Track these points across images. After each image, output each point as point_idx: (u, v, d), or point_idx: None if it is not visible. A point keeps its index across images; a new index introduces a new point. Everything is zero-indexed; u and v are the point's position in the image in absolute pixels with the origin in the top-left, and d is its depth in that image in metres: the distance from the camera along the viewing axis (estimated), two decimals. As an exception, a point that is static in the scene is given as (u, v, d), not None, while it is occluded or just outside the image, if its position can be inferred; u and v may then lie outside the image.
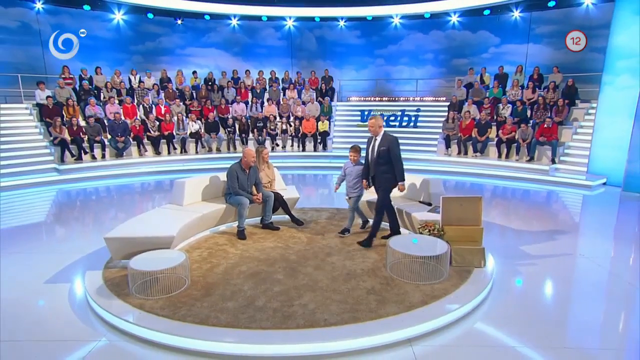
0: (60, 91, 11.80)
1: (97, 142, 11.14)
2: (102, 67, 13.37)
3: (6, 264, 5.20)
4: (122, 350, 3.45)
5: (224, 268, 4.59)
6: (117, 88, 12.86)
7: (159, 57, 15.72)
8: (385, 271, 4.49)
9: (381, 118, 5.38)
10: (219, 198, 6.08)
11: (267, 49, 16.70)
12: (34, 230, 6.84)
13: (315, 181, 10.54)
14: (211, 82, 14.28)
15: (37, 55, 13.45)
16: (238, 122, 12.75)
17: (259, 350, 3.26)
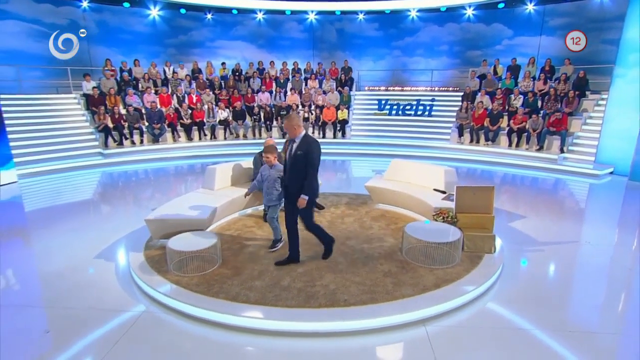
0: (105, 82, 11.96)
1: (136, 128, 11.30)
2: (139, 59, 13.47)
3: (60, 239, 5.39)
4: (160, 320, 3.55)
5: (252, 249, 4.64)
6: (153, 79, 12.94)
7: (190, 50, 15.71)
8: (401, 255, 4.47)
9: (297, 117, 4.07)
10: (247, 183, 6.09)
11: (291, 41, 16.48)
12: (84, 209, 7.05)
13: (335, 167, 10.49)
14: (238, 72, 14.23)
15: (83, 49, 13.63)
16: (263, 111, 12.71)
17: (285, 326, 3.31)
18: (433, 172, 6.04)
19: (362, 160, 11.13)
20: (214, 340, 3.29)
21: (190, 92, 12.73)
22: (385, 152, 11.36)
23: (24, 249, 5.42)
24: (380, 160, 10.87)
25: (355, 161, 10.99)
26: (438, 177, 5.90)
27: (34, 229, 6.12)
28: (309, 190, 3.97)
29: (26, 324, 3.58)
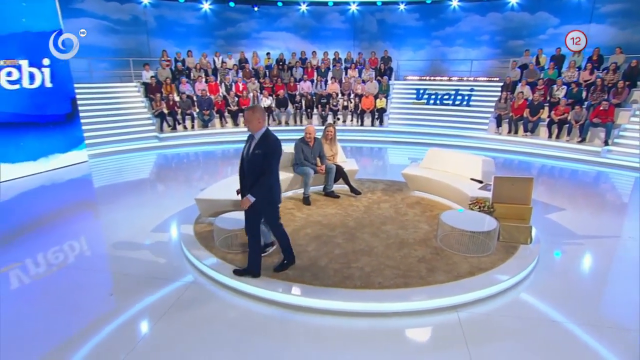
0: (162, 71, 12.37)
1: (188, 114, 11.64)
2: (192, 50, 13.78)
3: (122, 214, 5.71)
4: (207, 291, 3.69)
5: (291, 229, 4.67)
6: (204, 68, 13.22)
7: (238, 41, 15.86)
8: (435, 242, 4.34)
9: (261, 110, 3.43)
10: (288, 167, 6.13)
11: (332, 32, 16.22)
12: (142, 187, 7.41)
13: (372, 154, 10.33)
14: (282, 62, 14.22)
15: (143, 42, 14.20)
16: (304, 99, 12.67)
17: (321, 304, 3.32)
18: (470, 162, 5.79)
19: (399, 148, 10.88)
20: (255, 312, 3.37)
21: (237, 81, 12.90)
22: (421, 141, 11.02)
23: (93, 221, 5.79)
24: (416, 149, 10.57)
25: (391, 149, 10.76)
26: (475, 166, 5.65)
27: (101, 203, 6.52)
28: (259, 192, 3.35)
29: (94, 286, 3.83)
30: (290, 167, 6.07)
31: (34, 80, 7.95)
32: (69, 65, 8.64)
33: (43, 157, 8.16)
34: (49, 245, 4.69)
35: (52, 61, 8.15)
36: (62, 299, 3.61)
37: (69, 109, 8.72)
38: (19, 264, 4.23)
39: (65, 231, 5.13)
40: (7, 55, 7.44)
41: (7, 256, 4.42)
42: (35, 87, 7.98)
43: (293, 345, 2.97)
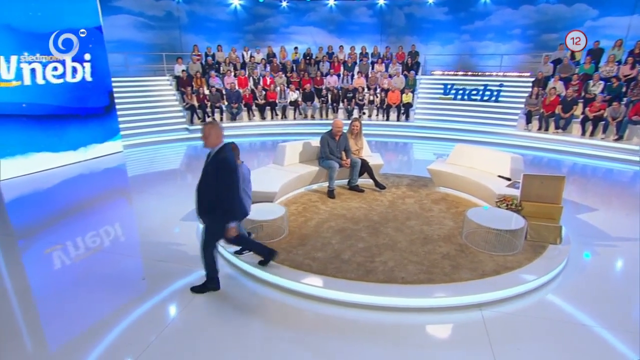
0: (193, 65, 12.61)
1: (217, 107, 11.82)
2: (222, 45, 13.96)
3: (154, 202, 5.89)
4: (232, 279, 3.75)
5: (316, 222, 4.69)
6: (233, 62, 13.37)
7: (266, 35, 15.94)
8: (460, 239, 4.24)
9: (219, 126, 3.34)
10: (313, 161, 6.14)
11: (359, 26, 16.02)
12: (173, 177, 7.61)
13: (397, 149, 10.18)
14: (309, 56, 14.18)
15: (175, 37, 14.55)
16: (331, 93, 12.61)
17: (344, 296, 3.32)
18: (498, 159, 5.60)
19: (424, 143, 10.66)
20: (277, 302, 3.40)
21: (264, 75, 12.99)
22: (448, 137, 10.76)
23: (127, 208, 6.01)
24: (442, 144, 10.33)
25: (417, 144, 10.56)
26: (503, 163, 5.46)
27: (134, 191, 6.74)
28: (230, 214, 3.19)
29: (127, 270, 3.98)
30: (316, 160, 6.08)
31: (76, 74, 8.28)
32: (107, 59, 8.94)
33: (82, 147, 8.52)
34: (87, 229, 4.90)
35: (93, 56, 8.47)
36: (98, 281, 3.78)
37: (106, 101, 9.05)
38: (61, 246, 4.46)
39: (101, 217, 5.35)
40: (52, 51, 7.77)
41: (50, 238, 4.67)
42: (77, 81, 8.32)
43: (313, 335, 2.99)
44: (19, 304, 3.45)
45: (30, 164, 7.56)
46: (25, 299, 3.54)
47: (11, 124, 7.28)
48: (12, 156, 7.29)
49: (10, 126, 7.26)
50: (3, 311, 3.31)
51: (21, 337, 3.02)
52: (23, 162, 7.41)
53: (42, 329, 3.15)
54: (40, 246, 4.50)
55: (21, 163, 7.38)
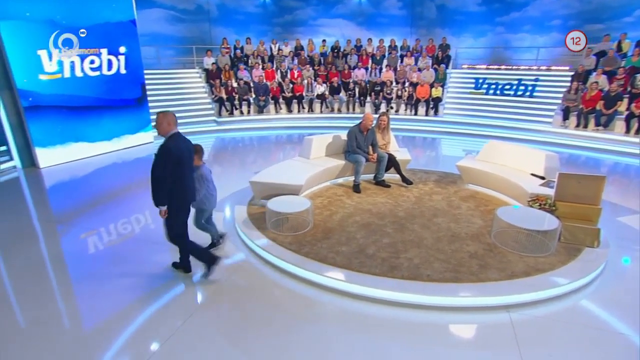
0: (222, 58, 12.80)
1: (244, 100, 11.98)
2: (250, 37, 14.09)
3: (182, 193, 6.04)
4: (257, 269, 3.83)
5: (341, 216, 4.68)
6: (261, 55, 13.47)
7: (294, 28, 15.94)
8: (489, 238, 4.12)
9: (172, 116, 3.41)
10: (339, 154, 6.11)
11: (389, 19, 15.73)
12: (200, 168, 7.78)
13: (425, 144, 9.98)
14: (337, 49, 14.08)
15: (205, 30, 14.80)
16: (358, 86, 12.50)
17: (367, 292, 3.31)
18: (532, 156, 5.39)
19: (453, 139, 10.40)
20: (299, 294, 3.44)
21: (292, 68, 13.02)
22: (478, 133, 10.45)
23: (156, 197, 6.19)
24: (472, 141, 10.05)
25: (446, 140, 10.31)
26: (538, 161, 5.24)
27: (164, 181, 6.94)
28: (157, 198, 3.29)
29: (156, 256, 4.12)
30: (342, 154, 6.05)
31: (112, 67, 8.60)
32: (140, 52, 9.22)
33: (116, 137, 8.86)
34: (119, 216, 5.11)
35: (127, 49, 8.76)
36: (129, 265, 3.94)
37: (139, 93, 9.35)
38: (95, 232, 4.67)
39: (132, 205, 5.55)
40: (91, 45, 8.10)
41: (85, 224, 4.90)
42: (112, 74, 8.64)
43: (334, 328, 2.99)
44: (57, 285, 3.65)
45: (68, 153, 7.94)
46: (63, 281, 3.73)
47: (52, 114, 7.66)
48: (53, 145, 7.68)
49: (52, 117, 7.64)
50: (44, 291, 3.51)
51: (60, 315, 3.20)
52: (62, 151, 7.79)
53: (78, 309, 3.32)
54: (76, 231, 4.73)
55: (60, 152, 7.76)
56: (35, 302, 3.36)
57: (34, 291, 3.50)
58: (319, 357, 2.71)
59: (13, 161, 7.45)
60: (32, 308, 3.28)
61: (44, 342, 2.85)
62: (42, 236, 4.67)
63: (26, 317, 3.17)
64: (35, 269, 3.89)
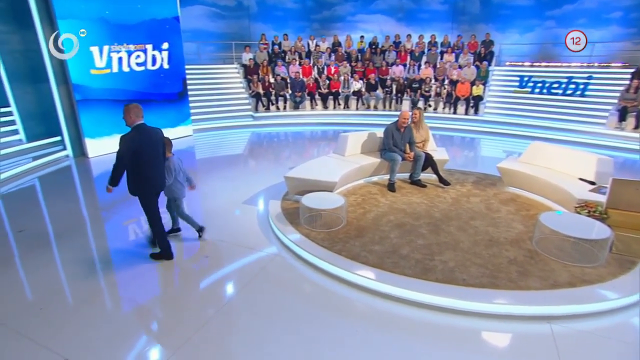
0: (260, 54, 13.02)
1: (281, 96, 12.12)
2: (288, 34, 14.20)
3: (219, 184, 6.23)
4: (288, 264, 3.86)
5: (375, 215, 4.63)
6: (298, 51, 13.56)
7: (332, 24, 15.90)
8: (530, 244, 3.94)
9: (138, 108, 3.55)
10: (375, 152, 6.05)
11: (430, 14, 15.31)
12: (236, 161, 7.98)
13: (463, 144, 9.67)
14: (375, 45, 13.92)
15: (245, 26, 15.09)
16: (395, 83, 12.29)
17: (399, 292, 3.25)
18: (582, 160, 5.07)
19: (494, 139, 9.99)
20: (330, 290, 3.44)
21: (329, 64, 13.01)
22: (520, 133, 9.98)
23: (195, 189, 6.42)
24: (513, 141, 9.62)
25: (485, 140, 9.93)
26: (587, 165, 4.93)
27: (201, 173, 7.18)
28: (111, 179, 3.57)
29: (192, 247, 4.27)
30: (378, 152, 5.98)
31: (156, 62, 8.98)
32: (183, 48, 9.55)
33: (158, 129, 9.25)
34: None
35: (170, 45, 9.11)
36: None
37: (180, 88, 9.70)
38: (135, 220, 4.90)
39: (172, 196, 5.78)
40: (137, 41, 8.49)
41: (127, 212, 5.15)
42: (156, 69, 9.01)
43: (363, 327, 2.97)
44: (102, 270, 3.87)
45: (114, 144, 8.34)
46: (106, 266, 3.96)
47: (101, 107, 8.11)
48: (100, 136, 8.14)
49: (100, 109, 8.10)
50: (89, 274, 3.74)
51: (102, 297, 3.39)
52: (108, 142, 8.22)
53: (118, 292, 3.50)
54: (119, 219, 5.00)
55: (106, 143, 8.20)
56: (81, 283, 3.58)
57: (80, 273, 3.73)
58: (347, 354, 2.71)
59: (66, 150, 7.98)
60: (79, 288, 3.49)
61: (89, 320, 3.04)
62: (88, 222, 4.97)
63: (74, 296, 3.39)
64: (81, 252, 4.15)
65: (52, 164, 7.49)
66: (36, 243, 4.29)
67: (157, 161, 3.67)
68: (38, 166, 7.23)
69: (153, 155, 3.60)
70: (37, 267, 3.83)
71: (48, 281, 3.60)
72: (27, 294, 3.44)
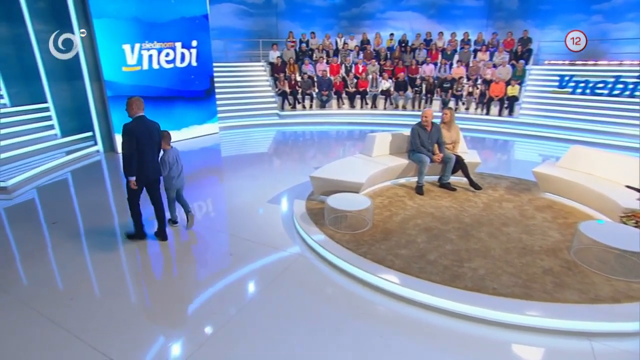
0: (287, 52, 13.13)
1: (307, 94, 12.17)
2: (316, 31, 14.24)
3: (243, 182, 6.32)
4: (311, 265, 3.86)
5: (401, 218, 4.56)
6: (326, 49, 13.58)
7: (361, 22, 15.81)
8: (568, 254, 3.76)
9: (139, 101, 3.95)
10: (402, 153, 5.96)
11: (463, 10, 14.94)
12: (261, 160, 8.08)
13: (496, 146, 9.39)
14: (404, 43, 13.73)
15: (272, 24, 15.26)
16: (425, 82, 12.09)
17: (425, 298, 3.18)
18: (629, 166, 4.80)
19: (530, 142, 9.65)
20: (353, 293, 3.41)
21: (357, 62, 12.95)
22: (559, 136, 9.59)
23: (218, 186, 6.54)
24: (550, 145, 9.27)
25: (520, 143, 9.60)
26: (636, 172, 4.66)
27: (226, 171, 7.33)
28: (124, 170, 3.95)
29: (216, 244, 4.36)
30: (406, 153, 5.89)
31: (184, 59, 9.22)
32: (211, 46, 9.76)
33: (185, 127, 9.50)
34: (185, 203, 5.46)
35: (199, 42, 9.34)
36: (192, 250, 4.21)
37: (207, 85, 9.92)
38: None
39: (196, 192, 5.91)
40: (167, 39, 8.76)
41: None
42: (184, 66, 9.26)
43: (385, 331, 2.92)
44: (128, 263, 4.00)
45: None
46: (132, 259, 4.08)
47: (130, 103, 8.40)
48: (130, 132, 8.44)
49: (130, 105, 8.39)
50: (117, 267, 3.88)
51: (129, 290, 3.51)
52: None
53: (144, 286, 3.61)
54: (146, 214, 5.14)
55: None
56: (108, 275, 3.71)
57: (108, 265, 3.87)
58: (369, 358, 2.68)
59: (97, 146, 8.33)
60: (106, 280, 3.63)
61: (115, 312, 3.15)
62: (116, 216, 5.15)
63: (101, 288, 3.52)
64: (109, 245, 4.31)
65: (84, 158, 7.83)
66: (68, 235, 4.49)
67: (152, 151, 4.05)
68: (70, 160, 7.57)
69: (149, 145, 3.98)
70: (68, 259, 4.00)
71: (77, 272, 3.76)
72: (58, 283, 3.61)
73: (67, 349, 2.76)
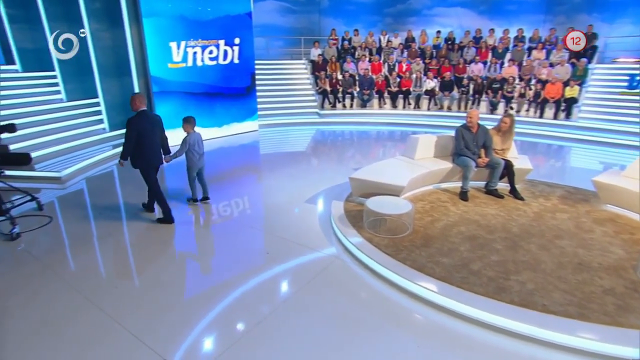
0: (329, 50, 13.18)
1: (348, 93, 12.15)
2: (359, 29, 14.18)
3: (281, 181, 6.41)
4: (347, 268, 3.84)
5: (444, 224, 4.44)
6: (369, 47, 13.48)
7: (406, 18, 15.57)
8: (634, 274, 3.48)
9: (142, 97, 4.60)
10: (447, 157, 5.79)
11: (518, 5, 14.29)
12: (299, 159, 8.15)
13: (550, 152, 8.90)
14: (451, 41, 13.33)
15: (315, 21, 15.39)
16: (473, 82, 11.68)
17: (467, 311, 3.07)
18: None
19: (589, 148, 9.05)
20: (390, 299, 3.35)
21: (401, 61, 12.75)
22: (624, 142, 8.92)
23: (256, 183, 6.68)
24: (613, 152, 8.66)
25: (578, 149, 9.04)
26: None
27: (264, 169, 7.46)
28: (122, 153, 4.55)
29: (252, 241, 4.45)
30: (450, 157, 5.72)
31: (227, 57, 9.51)
32: (253, 43, 10.00)
33: (225, 124, 9.79)
34: (220, 199, 5.62)
35: (242, 40, 9.59)
36: (227, 246, 4.32)
37: (248, 82, 10.16)
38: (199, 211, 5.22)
39: (234, 189, 6.07)
40: (211, 36, 9.07)
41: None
42: (227, 63, 9.55)
43: (420, 340, 2.84)
44: (167, 256, 4.18)
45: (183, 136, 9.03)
46: (170, 251, 4.26)
47: (174, 99, 8.80)
48: (172, 128, 8.80)
49: (174, 101, 8.78)
50: (156, 258, 4.06)
51: (166, 283, 3.66)
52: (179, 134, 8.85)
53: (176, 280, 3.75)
54: (184, 208, 5.35)
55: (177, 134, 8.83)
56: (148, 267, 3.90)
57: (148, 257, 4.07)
58: (406, 373, 2.62)
59: (141, 140, 8.78)
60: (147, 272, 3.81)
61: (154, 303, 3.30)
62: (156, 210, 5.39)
63: (142, 279, 3.70)
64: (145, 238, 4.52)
65: (129, 152, 8.28)
66: (112, 226, 4.77)
67: (154, 141, 4.60)
68: (117, 154, 8.02)
69: (151, 136, 4.53)
70: (111, 249, 4.25)
71: (120, 262, 3.97)
72: (101, 272, 3.83)
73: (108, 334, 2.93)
